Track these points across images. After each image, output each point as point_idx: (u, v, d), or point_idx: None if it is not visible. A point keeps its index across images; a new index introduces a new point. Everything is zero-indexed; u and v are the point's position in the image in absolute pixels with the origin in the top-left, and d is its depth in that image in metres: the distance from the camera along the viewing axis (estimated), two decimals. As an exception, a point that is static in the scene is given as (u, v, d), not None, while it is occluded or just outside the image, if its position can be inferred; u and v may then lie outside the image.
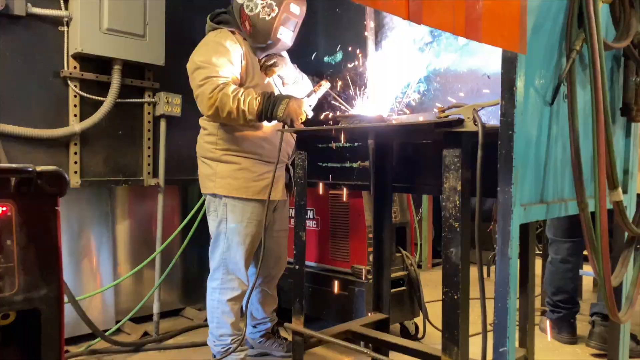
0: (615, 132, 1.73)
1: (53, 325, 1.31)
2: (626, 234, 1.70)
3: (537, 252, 3.86)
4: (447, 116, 1.64)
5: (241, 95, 2.20)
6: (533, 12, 1.30)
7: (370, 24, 2.49)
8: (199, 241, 3.29)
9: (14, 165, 1.30)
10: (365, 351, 1.85)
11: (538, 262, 2.75)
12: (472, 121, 1.56)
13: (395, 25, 2.50)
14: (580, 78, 1.46)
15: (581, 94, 1.43)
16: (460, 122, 1.58)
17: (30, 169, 1.25)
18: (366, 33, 2.52)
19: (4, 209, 1.25)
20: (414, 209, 3.74)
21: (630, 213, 1.77)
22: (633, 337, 2.79)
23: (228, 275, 2.46)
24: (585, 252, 3.95)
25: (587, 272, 3.88)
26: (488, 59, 2.36)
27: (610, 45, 1.45)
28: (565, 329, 3.06)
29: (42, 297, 1.29)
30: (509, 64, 1.22)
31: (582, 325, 3.22)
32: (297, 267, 2.13)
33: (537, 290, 3.28)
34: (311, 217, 3.07)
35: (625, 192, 1.78)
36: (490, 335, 1.33)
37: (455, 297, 1.63)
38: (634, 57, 1.60)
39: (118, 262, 3.17)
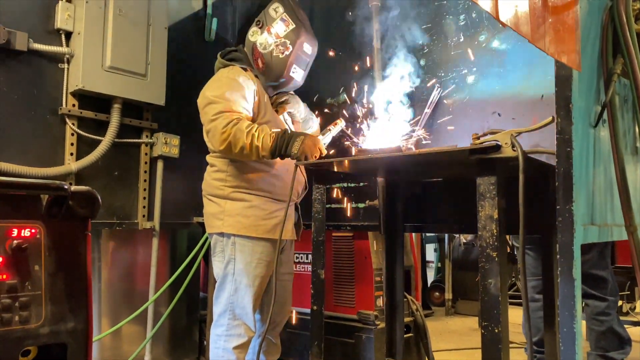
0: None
1: (80, 362, 1.17)
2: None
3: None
4: (481, 143, 1.63)
5: (255, 131, 2.15)
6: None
7: (376, 59, 2.53)
8: (186, 290, 3.14)
9: (47, 181, 1.20)
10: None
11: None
12: (509, 147, 1.55)
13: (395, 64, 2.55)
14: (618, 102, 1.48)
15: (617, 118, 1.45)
16: (497, 148, 1.57)
17: (66, 187, 1.15)
18: (373, 65, 2.55)
19: (33, 230, 1.14)
20: (417, 251, 3.68)
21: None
22: None
23: (235, 320, 2.30)
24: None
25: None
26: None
27: (642, 73, 1.49)
28: None
29: (70, 331, 1.16)
30: (564, 82, 1.23)
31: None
32: (315, 307, 2.02)
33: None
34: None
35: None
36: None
37: (496, 330, 1.56)
38: (658, 88, 1.64)
39: (102, 313, 2.96)
